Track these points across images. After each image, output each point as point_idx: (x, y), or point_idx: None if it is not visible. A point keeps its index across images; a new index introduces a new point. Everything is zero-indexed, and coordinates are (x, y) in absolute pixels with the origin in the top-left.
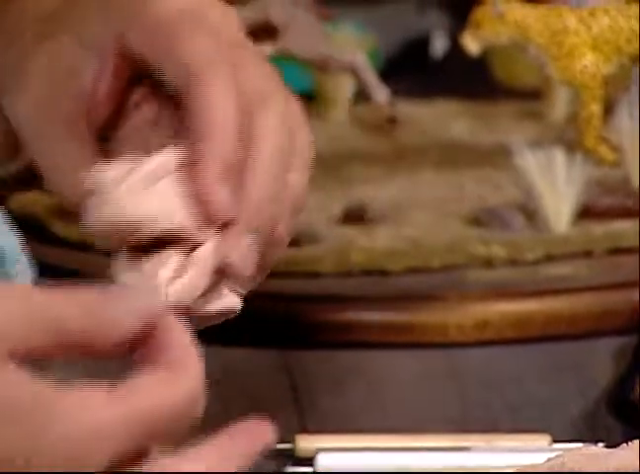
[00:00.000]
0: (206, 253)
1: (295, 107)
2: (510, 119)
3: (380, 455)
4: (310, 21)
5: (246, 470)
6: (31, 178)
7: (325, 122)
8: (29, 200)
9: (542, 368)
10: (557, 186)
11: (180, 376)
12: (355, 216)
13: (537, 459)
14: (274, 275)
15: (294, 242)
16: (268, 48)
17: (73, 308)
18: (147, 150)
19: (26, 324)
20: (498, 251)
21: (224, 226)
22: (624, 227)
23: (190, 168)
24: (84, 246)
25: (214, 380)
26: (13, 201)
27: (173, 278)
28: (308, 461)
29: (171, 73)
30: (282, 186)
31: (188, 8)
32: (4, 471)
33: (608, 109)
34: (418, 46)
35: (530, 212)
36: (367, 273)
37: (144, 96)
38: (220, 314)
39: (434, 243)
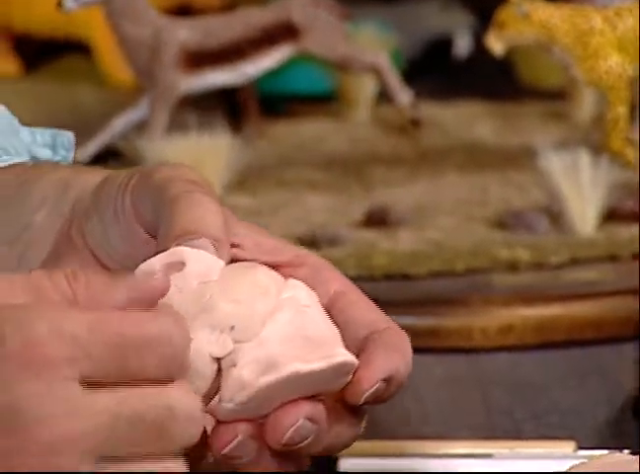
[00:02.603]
0: None
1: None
2: (534, 121)
3: (402, 461)
4: (331, 21)
5: None
6: None
7: (347, 124)
8: None
9: (567, 374)
10: (582, 188)
11: (158, 314)
12: (377, 219)
13: (562, 466)
14: None
15: (315, 245)
16: (289, 49)
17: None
18: None
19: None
20: (522, 254)
21: None
22: None
23: None
24: None
25: None
26: None
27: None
28: (330, 466)
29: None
30: None
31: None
32: None
33: (632, 111)
34: (441, 47)
35: (555, 215)
36: (390, 276)
37: None
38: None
39: (457, 246)
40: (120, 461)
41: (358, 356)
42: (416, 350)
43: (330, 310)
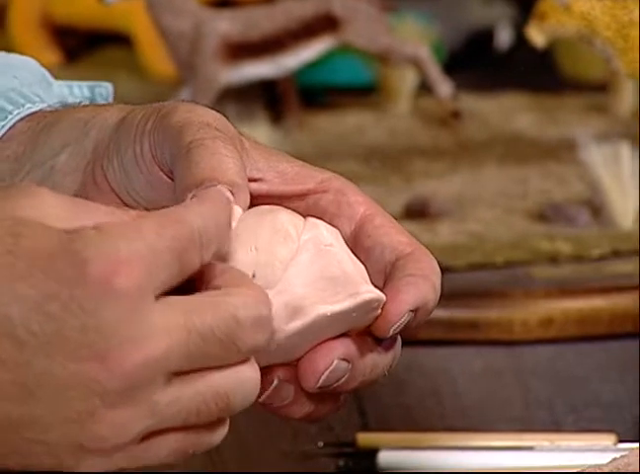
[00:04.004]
0: None
1: None
2: (575, 113)
3: (442, 454)
4: (372, 12)
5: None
6: None
7: (387, 115)
8: None
9: (607, 367)
10: (623, 181)
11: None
12: (416, 211)
13: (602, 459)
14: None
15: None
16: (329, 41)
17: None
18: None
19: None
20: (563, 247)
21: None
22: None
23: None
24: None
25: None
26: None
27: None
28: (370, 459)
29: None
30: None
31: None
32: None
33: None
34: (482, 39)
35: (596, 208)
36: None
37: None
38: None
39: (497, 239)
40: (194, 374)
41: (384, 284)
42: (455, 342)
43: (357, 235)
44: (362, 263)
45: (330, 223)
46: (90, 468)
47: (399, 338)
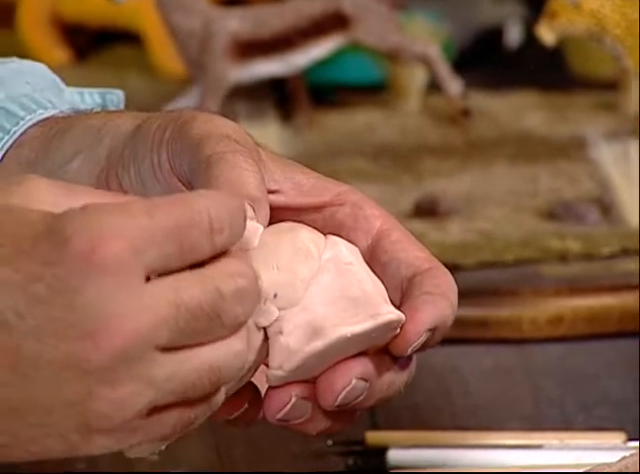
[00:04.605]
0: None
1: None
2: (585, 111)
3: (451, 452)
4: (382, 11)
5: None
6: None
7: (397, 114)
8: None
9: (617, 365)
10: (633, 179)
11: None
12: (426, 209)
13: (612, 457)
14: None
15: None
16: (339, 39)
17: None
18: None
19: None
20: (573, 245)
21: None
22: None
23: None
24: None
25: None
26: None
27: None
28: (379, 457)
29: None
30: None
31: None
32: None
33: None
34: (492, 37)
35: (606, 206)
36: None
37: None
38: None
39: (507, 237)
40: (186, 349)
41: (401, 300)
42: (465, 340)
43: (374, 249)
44: (380, 279)
45: (347, 237)
46: (102, 449)
47: (415, 356)
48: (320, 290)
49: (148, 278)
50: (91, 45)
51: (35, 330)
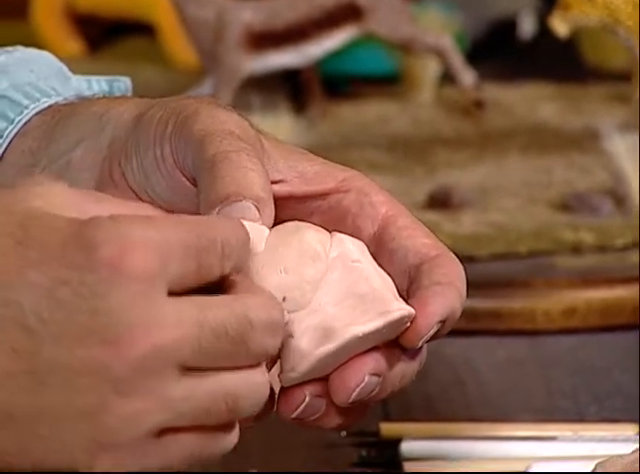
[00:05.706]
0: None
1: None
2: (599, 102)
3: (465, 444)
4: (395, 2)
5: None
6: None
7: (410, 105)
8: None
9: (630, 357)
10: None
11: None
12: (440, 201)
13: (624, 449)
14: None
15: None
16: (352, 30)
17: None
18: None
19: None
20: (586, 237)
21: None
22: None
23: None
24: None
25: None
26: None
27: None
28: (393, 448)
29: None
30: None
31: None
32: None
33: None
34: (505, 28)
35: (620, 197)
36: None
37: None
38: None
39: (520, 228)
40: (206, 372)
41: (408, 288)
42: (478, 332)
43: (380, 236)
44: (387, 272)
45: (353, 224)
46: (104, 468)
47: (425, 345)
48: (329, 290)
49: (169, 294)
50: (104, 37)
51: (56, 334)
